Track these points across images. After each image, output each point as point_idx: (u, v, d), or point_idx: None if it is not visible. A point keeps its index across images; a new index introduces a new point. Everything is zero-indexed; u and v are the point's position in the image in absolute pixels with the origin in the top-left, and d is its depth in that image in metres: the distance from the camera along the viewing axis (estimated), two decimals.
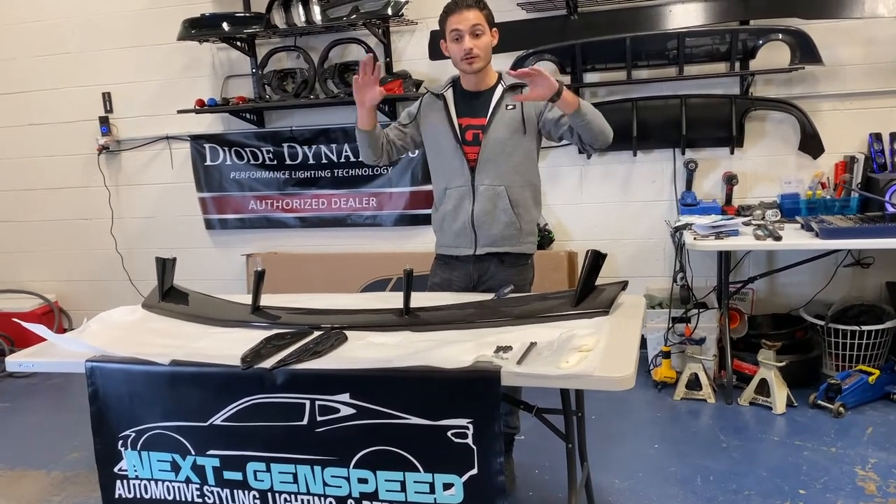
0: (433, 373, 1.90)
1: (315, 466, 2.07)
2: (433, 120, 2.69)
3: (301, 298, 2.72)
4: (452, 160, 2.66)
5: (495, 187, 2.63)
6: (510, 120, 2.61)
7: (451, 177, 2.68)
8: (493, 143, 2.61)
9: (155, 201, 4.82)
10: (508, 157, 2.63)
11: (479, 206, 2.65)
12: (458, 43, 2.54)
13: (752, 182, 3.92)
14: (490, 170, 2.63)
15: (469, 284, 2.73)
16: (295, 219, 4.62)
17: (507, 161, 2.63)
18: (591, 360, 1.87)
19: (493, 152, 2.61)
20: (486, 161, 2.62)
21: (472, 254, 2.69)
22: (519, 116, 2.61)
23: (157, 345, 2.27)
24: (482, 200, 2.64)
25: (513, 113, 2.62)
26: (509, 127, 2.61)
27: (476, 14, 2.53)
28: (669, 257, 4.02)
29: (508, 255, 2.68)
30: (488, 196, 2.64)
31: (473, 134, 2.63)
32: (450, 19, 2.54)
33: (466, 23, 2.51)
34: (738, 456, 2.99)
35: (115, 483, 2.29)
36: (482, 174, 2.63)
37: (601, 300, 2.29)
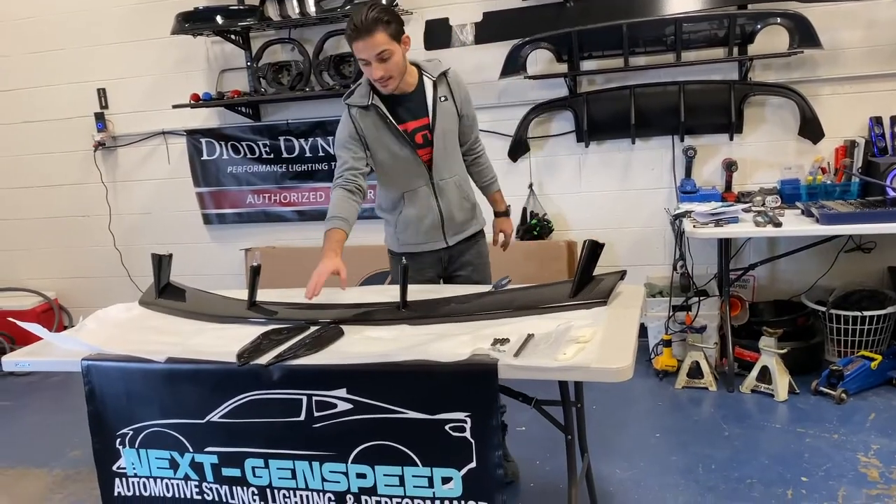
0: (430, 367, 1.89)
1: (313, 462, 2.06)
2: (377, 132, 2.59)
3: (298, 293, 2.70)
4: (408, 165, 2.63)
5: (453, 178, 2.69)
6: (448, 111, 2.62)
7: (409, 180, 2.66)
8: (442, 139, 2.62)
9: (152, 197, 4.80)
10: (453, 146, 2.69)
11: (444, 202, 2.69)
12: (367, 67, 2.46)
13: (752, 168, 3.89)
14: (445, 164, 2.66)
15: (441, 267, 2.81)
16: (293, 212, 4.60)
17: (454, 151, 2.70)
18: (588, 351, 1.86)
19: (445, 147, 2.64)
20: (440, 158, 2.64)
21: (445, 247, 2.75)
22: (453, 107, 2.64)
23: (154, 342, 2.26)
24: (447, 195, 2.69)
25: (447, 105, 2.62)
26: (449, 118, 2.63)
27: (379, 38, 2.37)
28: (669, 245, 4.00)
29: (472, 235, 2.82)
30: (450, 189, 2.69)
31: (423, 136, 2.61)
32: (355, 47, 2.41)
33: (370, 51, 2.39)
34: (740, 444, 2.98)
35: (114, 481, 2.29)
36: (439, 170, 2.66)
37: (599, 290, 2.27)
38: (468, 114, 2.70)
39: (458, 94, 2.64)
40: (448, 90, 2.62)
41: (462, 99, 2.66)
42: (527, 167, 4.16)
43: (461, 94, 2.65)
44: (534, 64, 4.00)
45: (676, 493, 2.68)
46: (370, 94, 2.56)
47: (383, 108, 2.55)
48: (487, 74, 4.02)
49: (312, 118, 4.39)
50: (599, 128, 3.98)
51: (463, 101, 2.66)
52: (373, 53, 2.39)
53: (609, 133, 4.00)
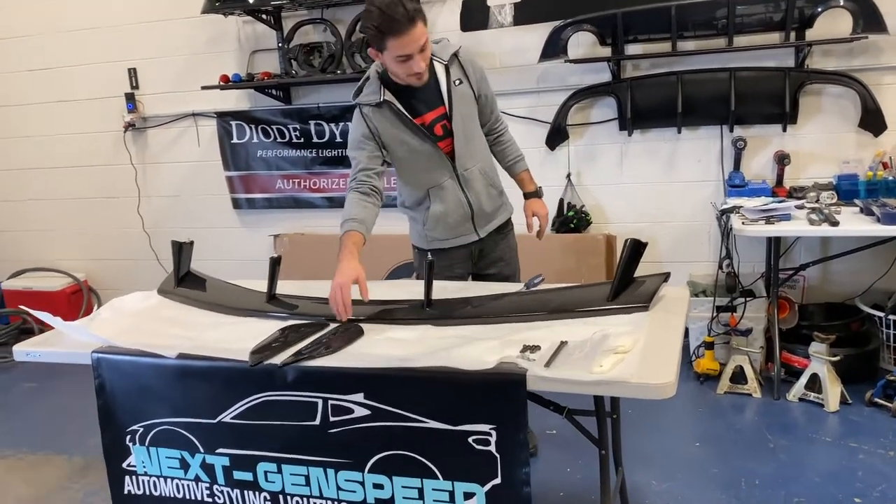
0: (453, 374, 1.75)
1: (328, 469, 1.94)
2: (394, 129, 2.42)
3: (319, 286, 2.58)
4: (430, 159, 2.47)
5: (477, 166, 2.54)
6: (464, 95, 2.46)
7: (432, 175, 2.51)
8: (462, 126, 2.46)
9: (181, 180, 4.73)
10: (474, 131, 2.54)
11: (472, 193, 2.54)
12: (404, 63, 2.24)
13: (806, 162, 3.65)
14: (468, 152, 2.50)
15: (471, 263, 2.67)
16: (322, 199, 4.49)
17: (476, 136, 2.54)
18: (627, 363, 1.70)
19: (466, 134, 2.48)
20: (463, 146, 2.48)
21: (477, 239, 2.61)
22: (468, 89, 2.47)
23: (167, 335, 2.16)
24: (473, 186, 2.54)
25: (462, 88, 2.46)
26: (467, 102, 2.48)
27: (421, 28, 2.18)
28: (714, 241, 3.79)
29: (503, 225, 2.68)
30: (475, 178, 2.54)
31: (442, 126, 2.44)
32: (392, 43, 2.18)
33: (415, 44, 2.19)
34: (787, 458, 2.78)
35: (124, 479, 2.20)
36: (463, 160, 2.50)
37: (640, 293, 2.10)
38: (485, 93, 2.53)
39: (473, 73, 2.47)
40: (461, 72, 2.45)
41: (478, 78, 2.49)
42: (565, 156, 3.98)
43: (476, 73, 2.48)
44: (575, 47, 3.80)
45: None
46: (381, 89, 2.40)
47: (397, 103, 2.39)
48: (526, 58, 3.84)
49: (343, 102, 4.25)
50: (643, 115, 3.78)
51: (479, 81, 2.50)
52: (417, 46, 2.20)
53: (654, 121, 3.79)
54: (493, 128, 2.64)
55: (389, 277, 4.27)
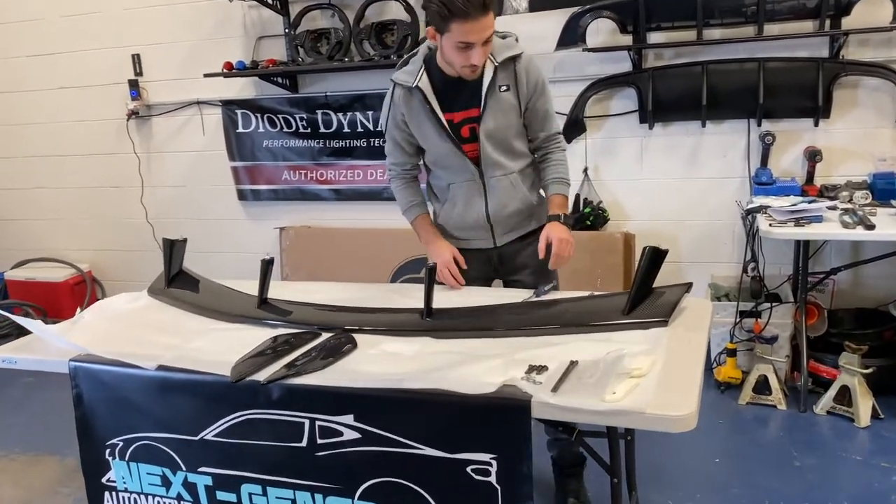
0: (451, 398, 1.59)
1: (316, 494, 1.80)
2: (417, 119, 2.25)
3: (315, 288, 2.44)
4: (451, 159, 2.28)
5: (506, 177, 2.29)
6: (505, 104, 2.19)
7: (454, 173, 2.32)
8: (492, 134, 2.22)
9: (186, 170, 4.59)
10: (510, 142, 2.26)
11: (493, 202, 2.32)
12: (463, 52, 2.05)
13: (839, 159, 3.44)
14: (496, 162, 2.26)
15: (490, 271, 2.44)
16: (329, 191, 4.33)
17: (510, 147, 2.27)
18: (643, 389, 1.53)
19: (495, 143, 2.24)
20: (489, 155, 2.25)
21: (493, 246, 2.39)
22: (514, 99, 2.20)
23: (150, 343, 2.02)
24: (496, 195, 2.31)
25: (506, 96, 2.19)
26: (506, 112, 2.20)
27: (491, 18, 2.01)
28: (739, 241, 3.59)
29: (528, 234, 2.40)
30: (501, 188, 2.30)
31: (470, 129, 2.22)
32: (457, 27, 1.99)
33: (482, 33, 2.01)
34: (814, 478, 2.60)
35: (104, 495, 2.07)
36: (489, 168, 2.27)
37: (659, 307, 1.92)
38: (538, 108, 2.25)
39: (526, 84, 2.19)
40: (512, 79, 2.18)
41: (531, 91, 2.21)
42: (582, 149, 3.78)
43: (530, 84, 2.20)
44: (594, 35, 3.60)
45: None
46: (420, 72, 2.20)
47: (429, 93, 2.19)
48: (542, 46, 3.63)
49: (351, 91, 4.08)
50: (666, 108, 3.57)
51: (531, 94, 2.21)
52: (482, 37, 2.01)
53: (676, 114, 3.59)
54: (543, 146, 2.32)
55: (397, 274, 4.12)
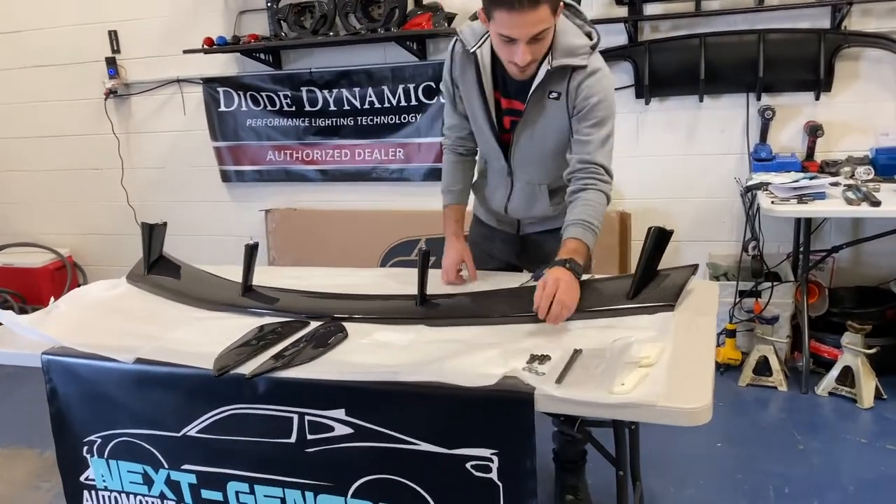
0: (449, 391, 1.49)
1: (307, 492, 1.70)
2: (467, 84, 2.00)
3: (303, 273, 2.33)
4: (488, 141, 2.08)
5: (534, 185, 2.09)
6: (552, 113, 1.92)
7: (489, 155, 2.15)
8: (528, 140, 1.99)
9: (167, 151, 4.44)
10: (550, 153, 2.00)
11: (515, 201, 2.14)
12: (507, 46, 1.78)
13: (840, 133, 3.34)
14: (528, 167, 2.06)
15: (513, 256, 2.27)
16: (316, 171, 4.20)
17: (548, 158, 2.02)
18: (653, 379, 1.44)
19: (530, 150, 2.01)
20: (523, 159, 2.04)
21: (515, 234, 2.23)
22: (563, 112, 1.91)
23: (128, 333, 1.91)
24: (519, 196, 2.13)
25: (556, 105, 1.91)
26: (550, 122, 1.94)
27: (543, 12, 1.69)
28: (737, 219, 3.51)
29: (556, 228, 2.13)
30: (527, 193, 2.11)
31: (511, 122, 2.00)
32: (500, 16, 1.72)
33: (528, 28, 1.71)
34: (819, 462, 2.54)
35: (83, 494, 1.97)
36: (519, 170, 2.07)
37: (665, 290, 1.83)
38: (585, 136, 1.89)
39: (580, 102, 1.87)
40: (565, 88, 1.88)
41: (582, 112, 1.88)
42: None
43: (581, 101, 1.87)
44: (589, 6, 3.47)
45: None
46: (484, 38, 1.92)
47: (485, 64, 1.93)
48: None
49: (337, 67, 3.94)
50: (663, 82, 3.46)
51: (581, 116, 1.89)
52: (528, 33, 1.72)
53: (673, 88, 3.48)
54: (576, 175, 1.91)
55: (387, 257, 4.02)
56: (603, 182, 1.89)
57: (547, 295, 1.67)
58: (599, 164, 1.89)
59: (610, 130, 1.90)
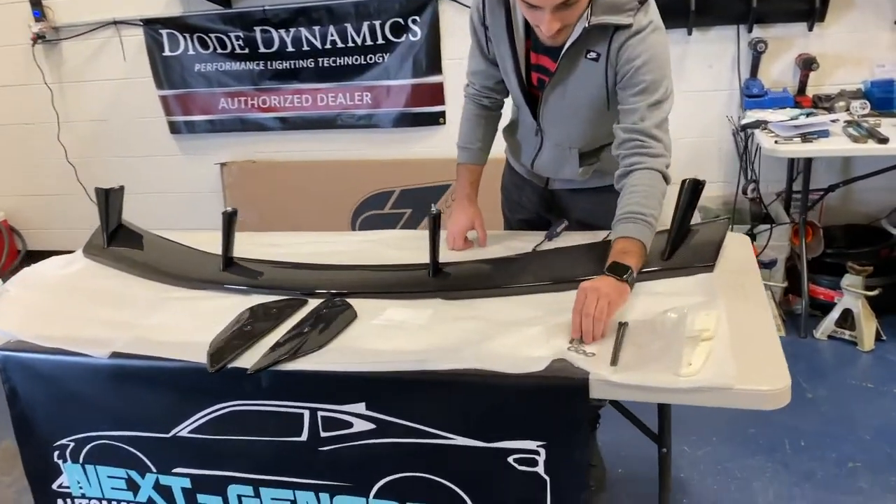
0: (489, 379, 1.31)
1: (321, 493, 1.52)
2: (497, 29, 1.74)
3: (285, 240, 2.08)
4: (517, 93, 1.82)
5: (564, 148, 1.84)
6: (588, 76, 1.66)
7: (519, 106, 1.88)
8: (559, 100, 1.73)
9: (107, 101, 4.05)
10: (583, 119, 1.75)
11: (543, 160, 1.90)
12: (531, 12, 1.54)
13: (833, 66, 3.20)
14: (558, 130, 1.82)
15: (542, 209, 2.03)
16: (274, 119, 3.89)
17: (580, 123, 1.77)
18: (720, 357, 1.28)
19: (561, 111, 1.76)
20: (553, 118, 1.79)
21: (544, 187, 2.00)
22: (602, 75, 1.64)
23: (96, 321, 1.67)
24: (547, 157, 1.88)
25: (594, 67, 1.64)
26: (585, 86, 1.68)
27: None
28: (727, 160, 3.38)
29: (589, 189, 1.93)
30: (555, 155, 1.86)
31: (538, 80, 1.75)
32: None
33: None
34: (829, 411, 2.47)
35: (56, 503, 1.74)
36: (549, 130, 1.83)
37: (701, 248, 1.67)
38: (631, 104, 1.61)
39: (624, 64, 1.59)
40: (605, 48, 1.60)
41: (628, 79, 1.60)
42: None
43: (631, 69, 1.58)
44: None
45: (765, 481, 2.19)
46: None
47: (518, 14, 1.67)
48: None
49: (293, 4, 3.59)
50: None
51: (627, 82, 1.60)
52: (553, 1, 1.48)
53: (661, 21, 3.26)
54: (623, 150, 1.63)
55: (358, 210, 3.77)
56: (654, 157, 1.59)
57: (586, 313, 1.37)
58: (649, 134, 1.59)
59: (661, 96, 1.60)
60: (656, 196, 1.58)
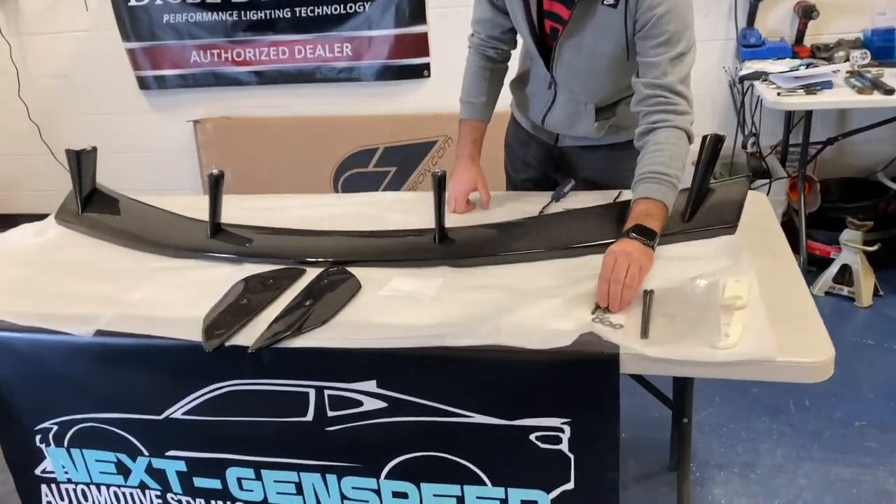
0: (510, 354, 1.22)
1: (328, 474, 1.43)
2: None
3: (274, 203, 1.95)
4: (529, 43, 1.70)
5: (578, 103, 1.73)
6: (604, 23, 1.54)
7: (531, 57, 1.75)
8: (573, 51, 1.62)
9: (71, 55, 3.81)
10: (600, 71, 1.64)
11: (555, 115, 1.78)
12: None
13: (831, 14, 3.10)
14: (572, 82, 1.70)
15: (550, 167, 1.92)
16: (250, 73, 3.69)
17: (597, 76, 1.66)
18: (757, 327, 1.20)
19: (576, 63, 1.64)
20: (567, 70, 1.67)
21: (553, 144, 1.88)
22: (620, 22, 1.51)
23: (77, 295, 1.55)
24: (560, 111, 1.76)
25: (611, 15, 1.52)
26: (602, 34, 1.56)
27: None
28: (720, 112, 3.28)
29: (602, 146, 1.82)
30: (569, 110, 1.75)
31: (552, 28, 1.62)
32: None
33: None
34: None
35: (41, 489, 1.65)
36: (563, 83, 1.71)
37: (722, 208, 1.59)
38: (652, 57, 1.49)
39: (643, 16, 1.48)
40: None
41: (649, 28, 1.48)
42: None
43: (652, 18, 1.46)
44: None
45: (771, 442, 2.15)
46: None
47: None
48: None
49: None
50: None
51: (648, 32, 1.49)
52: None
53: None
54: (645, 106, 1.53)
55: (341, 168, 3.63)
56: (678, 115, 1.50)
57: (615, 279, 1.27)
58: (673, 90, 1.50)
59: (684, 48, 1.50)
60: (680, 157, 1.49)
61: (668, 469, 2.06)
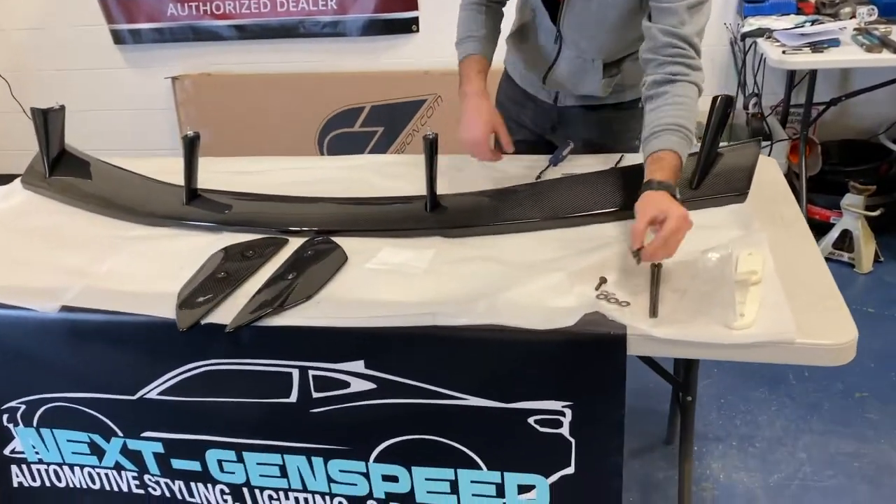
0: (509, 334, 1.13)
1: (314, 457, 1.36)
2: None
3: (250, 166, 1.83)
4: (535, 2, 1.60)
5: (586, 60, 1.61)
6: None
7: (536, 6, 1.62)
8: (582, 10, 1.52)
9: (42, 8, 3.62)
10: (611, 25, 1.53)
11: (559, 72, 1.66)
12: None
13: None
14: (581, 37, 1.59)
15: (546, 129, 1.81)
16: (230, 27, 3.52)
17: (608, 30, 1.55)
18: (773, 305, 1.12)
19: (586, 17, 1.53)
20: (576, 24, 1.56)
21: (552, 103, 1.77)
22: None
23: (42, 266, 1.45)
24: (565, 68, 1.64)
25: None
26: None
27: None
28: (720, 70, 3.17)
29: (605, 106, 1.72)
30: (575, 67, 1.63)
31: None
32: None
33: None
34: None
35: (10, 469, 1.57)
36: (570, 37, 1.59)
37: (731, 174, 1.49)
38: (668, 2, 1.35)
39: None
40: None
41: None
42: None
43: None
44: None
45: (770, 414, 2.10)
46: None
47: None
48: None
49: None
50: None
51: None
52: None
53: None
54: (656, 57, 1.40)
55: (326, 128, 3.50)
56: (694, 70, 1.40)
57: (663, 236, 1.16)
58: (691, 43, 1.39)
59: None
60: (695, 111, 1.40)
61: (665, 442, 2.01)
